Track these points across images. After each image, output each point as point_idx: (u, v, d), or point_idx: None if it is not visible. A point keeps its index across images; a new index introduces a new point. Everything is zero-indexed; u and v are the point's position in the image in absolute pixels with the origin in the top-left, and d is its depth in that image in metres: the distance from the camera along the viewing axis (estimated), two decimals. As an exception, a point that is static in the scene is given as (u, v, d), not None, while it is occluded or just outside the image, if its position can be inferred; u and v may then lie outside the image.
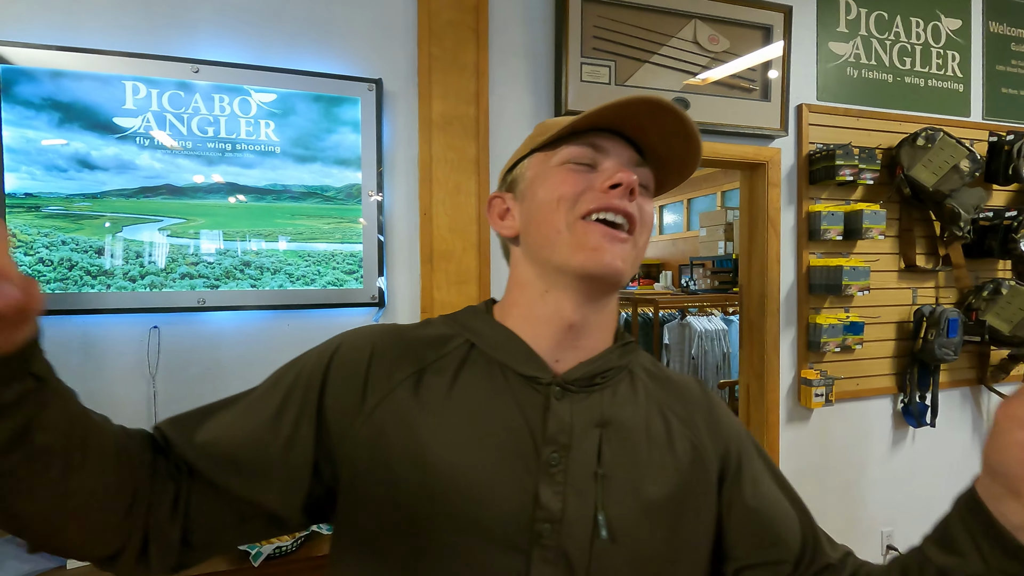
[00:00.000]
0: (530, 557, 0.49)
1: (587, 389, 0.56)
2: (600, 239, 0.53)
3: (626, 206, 0.54)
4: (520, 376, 0.55)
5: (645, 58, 1.89)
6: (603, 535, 0.50)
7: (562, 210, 0.54)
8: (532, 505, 0.50)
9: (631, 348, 0.63)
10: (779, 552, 0.57)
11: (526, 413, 0.53)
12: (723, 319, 4.67)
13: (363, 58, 1.65)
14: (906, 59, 2.28)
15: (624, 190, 0.54)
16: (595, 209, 0.54)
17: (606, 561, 0.51)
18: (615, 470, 0.53)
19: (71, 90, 1.39)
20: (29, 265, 1.38)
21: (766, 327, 2.11)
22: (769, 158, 2.09)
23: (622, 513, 0.52)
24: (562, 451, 0.52)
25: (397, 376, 0.55)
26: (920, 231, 2.27)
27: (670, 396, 0.61)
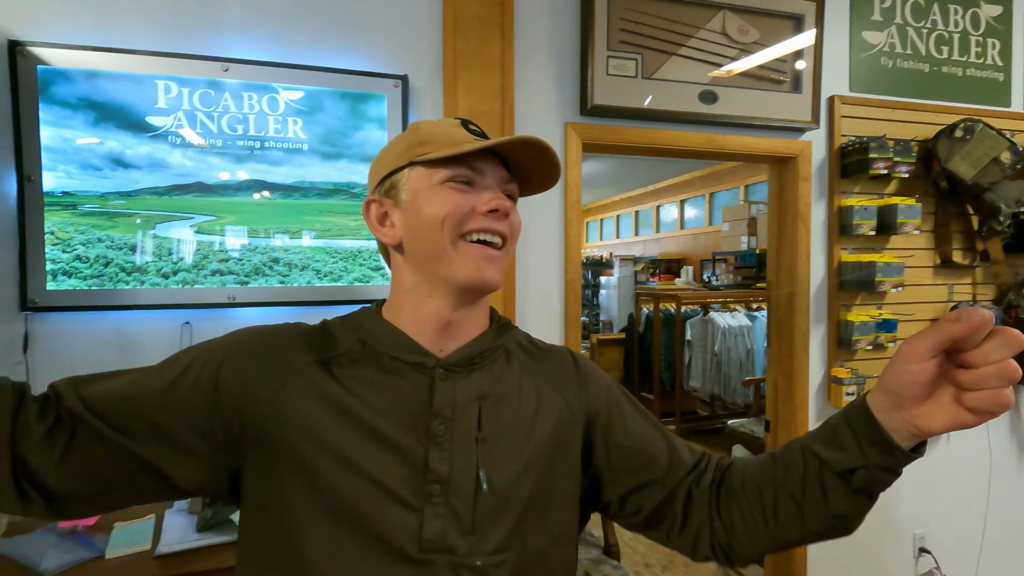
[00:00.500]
0: (423, 513, 0.58)
1: (467, 369, 0.65)
2: (481, 260, 0.63)
3: (502, 228, 0.64)
4: (408, 364, 0.64)
5: (672, 50, 1.85)
6: (484, 488, 0.60)
7: (447, 229, 0.62)
8: (423, 470, 0.59)
9: (506, 328, 0.72)
10: (652, 472, 0.69)
11: (416, 394, 0.62)
12: (747, 315, 4.60)
13: (389, 54, 1.65)
14: (943, 48, 2.20)
15: (500, 215, 0.63)
16: (476, 230, 0.63)
17: (488, 509, 0.60)
18: (493, 434, 0.63)
19: (106, 90, 1.42)
20: (67, 262, 1.41)
21: (795, 324, 2.06)
22: (799, 151, 2.04)
23: (500, 469, 0.62)
24: (447, 423, 0.61)
25: (300, 363, 0.62)
26: (957, 226, 2.20)
27: (542, 365, 0.71)
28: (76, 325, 1.45)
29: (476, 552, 0.59)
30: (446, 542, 0.58)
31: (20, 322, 1.41)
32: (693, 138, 1.92)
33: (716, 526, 0.67)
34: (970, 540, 2.30)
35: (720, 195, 6.43)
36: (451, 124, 0.67)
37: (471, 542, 0.59)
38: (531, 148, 0.64)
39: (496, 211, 0.63)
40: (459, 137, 0.65)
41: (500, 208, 0.63)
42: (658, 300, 4.83)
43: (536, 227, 1.80)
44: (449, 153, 0.62)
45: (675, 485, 0.69)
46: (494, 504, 0.61)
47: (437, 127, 0.66)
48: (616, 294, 6.75)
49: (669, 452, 0.70)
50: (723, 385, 4.43)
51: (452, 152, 0.62)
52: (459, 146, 0.63)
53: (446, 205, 0.62)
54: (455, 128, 0.66)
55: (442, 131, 0.65)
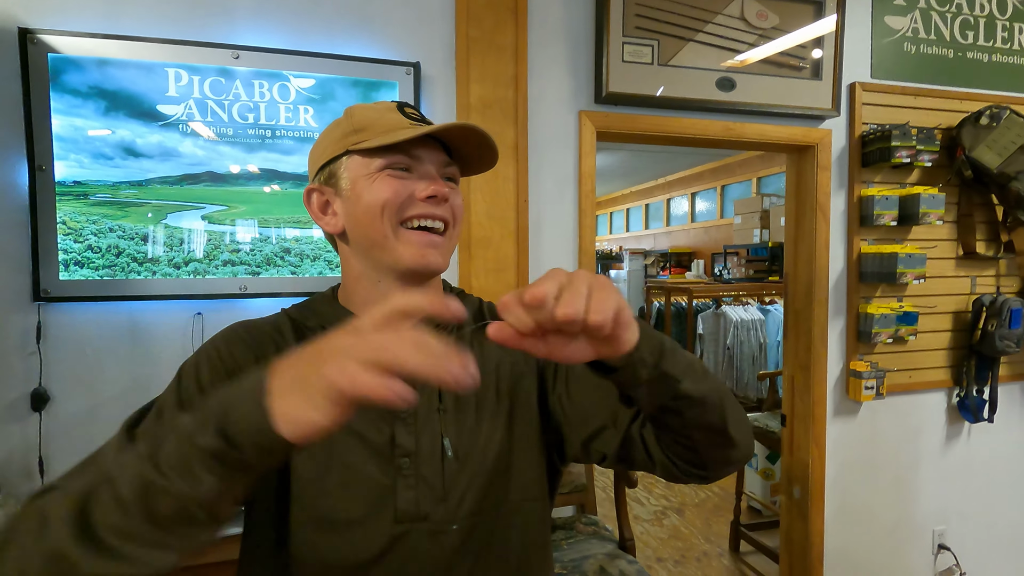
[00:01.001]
0: (395, 486, 0.62)
1: None
2: (422, 247, 0.64)
3: (442, 213, 0.65)
4: None
5: (690, 36, 1.81)
6: (449, 455, 0.63)
7: (387, 217, 0.63)
8: (391, 446, 0.62)
9: (457, 296, 0.74)
10: (601, 417, 0.68)
11: None
12: (760, 309, 4.55)
13: (401, 41, 1.62)
14: (968, 33, 2.14)
15: (439, 200, 0.64)
16: (416, 216, 0.64)
17: (456, 475, 0.64)
18: (454, 404, 0.66)
19: (116, 78, 1.41)
20: (79, 252, 1.40)
21: (813, 317, 2.02)
22: (819, 140, 1.99)
23: (463, 436, 0.65)
24: None
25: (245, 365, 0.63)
26: (981, 216, 2.15)
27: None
28: (89, 315, 1.45)
29: (451, 517, 0.62)
30: (420, 510, 0.61)
31: (33, 312, 1.40)
32: (710, 126, 1.87)
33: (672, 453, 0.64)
34: (990, 537, 2.26)
35: (732, 188, 6.36)
36: (387, 109, 0.66)
37: (445, 508, 0.62)
38: (467, 133, 0.64)
39: (435, 197, 0.64)
40: (395, 123, 0.64)
41: (438, 194, 0.63)
42: (669, 294, 4.78)
43: (549, 218, 1.77)
44: (384, 142, 0.62)
45: (626, 427, 0.66)
46: (461, 468, 0.64)
47: (372, 112, 0.66)
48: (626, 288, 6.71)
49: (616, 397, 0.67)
50: (735, 379, 4.39)
51: (387, 141, 0.62)
52: (394, 133, 0.62)
53: (384, 193, 0.63)
54: (391, 113, 0.66)
55: (377, 117, 0.65)
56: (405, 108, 0.67)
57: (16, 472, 1.40)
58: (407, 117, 0.66)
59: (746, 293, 4.81)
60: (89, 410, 1.45)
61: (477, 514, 0.63)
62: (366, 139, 0.63)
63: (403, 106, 0.67)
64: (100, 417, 1.45)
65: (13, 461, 1.40)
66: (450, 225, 0.66)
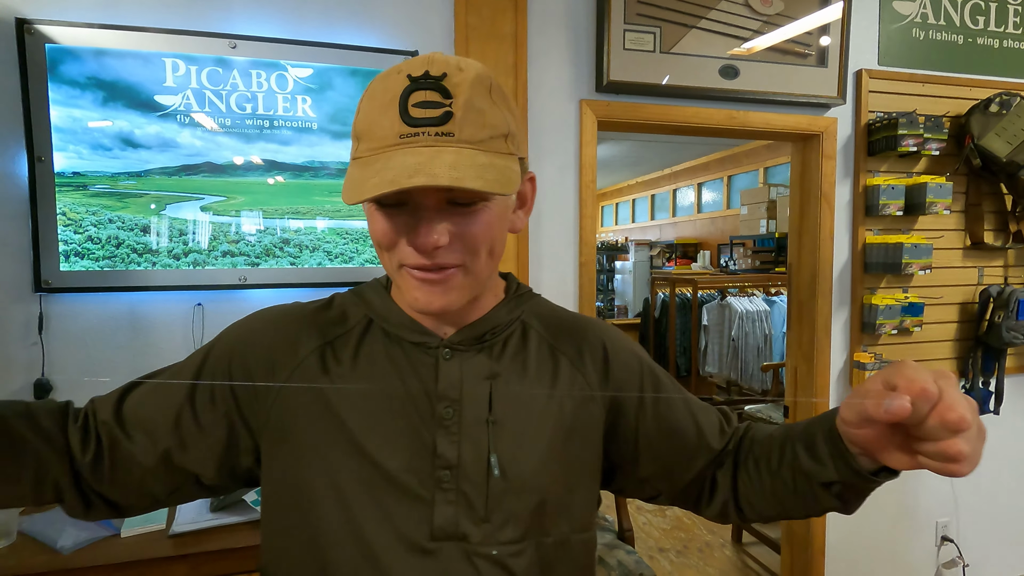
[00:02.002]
0: (433, 501, 0.56)
1: (476, 347, 0.61)
2: (418, 291, 0.55)
3: (441, 261, 0.53)
4: (412, 344, 0.60)
5: (692, 23, 1.78)
6: (496, 474, 0.57)
7: (384, 255, 0.56)
8: (431, 456, 0.57)
9: (524, 299, 0.66)
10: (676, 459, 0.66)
11: (420, 375, 0.59)
12: (765, 300, 4.52)
13: (399, 30, 1.61)
14: (979, 18, 2.09)
15: (431, 252, 0.52)
16: (409, 266, 0.54)
17: (501, 496, 0.57)
18: (505, 416, 0.59)
19: (114, 68, 1.40)
20: (79, 243, 1.41)
21: (817, 308, 2.01)
22: (824, 128, 1.97)
23: (513, 453, 0.58)
24: (454, 405, 0.58)
25: (303, 350, 0.60)
26: (989, 205, 2.12)
27: (562, 339, 0.65)
28: (90, 306, 1.45)
29: (491, 541, 0.56)
30: (458, 530, 0.56)
31: (35, 303, 1.41)
32: (713, 115, 1.85)
33: (736, 502, 0.66)
34: (994, 529, 2.24)
35: (739, 178, 6.30)
36: (390, 101, 0.50)
37: (485, 530, 0.56)
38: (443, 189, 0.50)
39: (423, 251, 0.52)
40: (383, 137, 0.50)
41: (422, 249, 0.52)
42: (674, 285, 4.76)
43: (549, 208, 1.76)
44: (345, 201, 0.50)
45: (700, 469, 0.66)
46: (507, 490, 0.57)
47: (371, 108, 0.52)
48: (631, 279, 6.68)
49: (698, 437, 0.67)
50: (740, 371, 4.37)
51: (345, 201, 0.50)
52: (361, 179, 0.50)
53: (375, 233, 0.55)
54: (389, 113, 0.50)
55: (375, 119, 0.51)
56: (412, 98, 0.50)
57: (20, 461, 1.41)
58: (407, 121, 0.49)
59: (751, 284, 4.78)
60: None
61: (520, 541, 0.57)
62: (359, 155, 0.52)
63: (414, 88, 0.50)
64: (102, 407, 1.46)
65: (17, 450, 1.42)
66: (463, 263, 0.55)
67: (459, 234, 0.53)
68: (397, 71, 0.52)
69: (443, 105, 0.50)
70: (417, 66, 0.51)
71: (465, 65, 0.52)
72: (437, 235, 0.51)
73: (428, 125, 0.50)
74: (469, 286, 0.56)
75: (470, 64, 0.53)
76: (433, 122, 0.50)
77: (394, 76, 0.51)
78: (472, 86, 0.51)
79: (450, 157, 0.48)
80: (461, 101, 0.50)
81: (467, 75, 0.51)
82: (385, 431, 0.57)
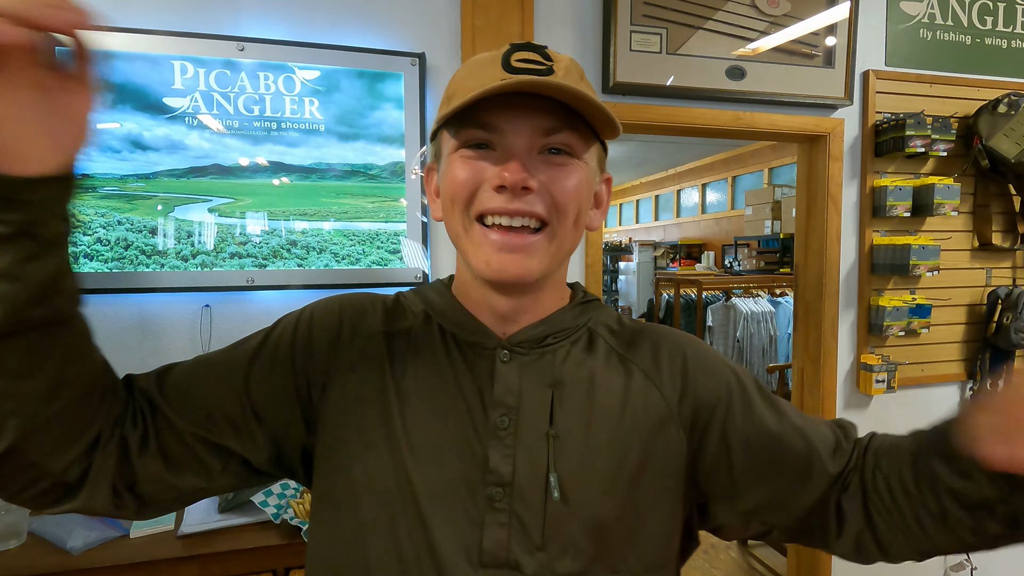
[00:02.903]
0: (483, 522, 0.49)
1: (537, 350, 0.55)
2: (493, 251, 0.50)
3: (524, 207, 0.49)
4: (468, 343, 0.55)
5: (699, 24, 1.78)
6: (555, 496, 0.50)
7: (457, 211, 0.51)
8: (482, 470, 0.50)
9: (591, 307, 0.60)
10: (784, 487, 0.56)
11: (476, 378, 0.53)
12: (770, 301, 4.51)
13: (406, 31, 1.61)
14: (987, 18, 2.08)
15: (515, 191, 0.48)
16: (487, 212, 0.50)
17: (560, 522, 0.50)
18: (568, 430, 0.52)
19: (123, 71, 1.41)
20: (88, 245, 1.42)
21: (824, 309, 2.00)
22: (831, 129, 1.96)
23: (576, 473, 0.51)
24: (511, 413, 0.52)
25: (367, 330, 0.57)
26: (997, 207, 2.10)
27: (634, 350, 0.58)
28: (98, 308, 1.46)
29: (546, 572, 0.49)
30: (510, 557, 0.49)
31: (44, 304, 1.42)
32: (719, 116, 1.85)
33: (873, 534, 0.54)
34: (1003, 532, 2.23)
35: (743, 178, 6.28)
36: (489, 60, 0.50)
37: (540, 559, 0.49)
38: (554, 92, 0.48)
39: (504, 188, 0.48)
40: (484, 79, 0.48)
41: (508, 183, 0.47)
42: (679, 285, 4.76)
43: (556, 209, 1.76)
44: (444, 115, 0.49)
45: (818, 497, 0.55)
46: (568, 515, 0.50)
47: (469, 70, 0.52)
48: (635, 279, 6.68)
49: (808, 459, 0.55)
50: (745, 372, 4.36)
51: (446, 112, 0.49)
52: (456, 99, 0.49)
53: (453, 182, 0.51)
54: (488, 67, 0.50)
55: (469, 77, 0.50)
56: (515, 56, 0.49)
57: (30, 461, 1.42)
58: (508, 68, 0.48)
59: (756, 285, 4.77)
60: (100, 401, 1.46)
61: (581, 575, 0.50)
62: (451, 107, 0.50)
63: (516, 50, 0.49)
64: (111, 408, 1.47)
65: (27, 451, 1.42)
66: (549, 220, 0.50)
67: (548, 183, 0.49)
68: (497, 49, 0.52)
69: (545, 63, 0.49)
70: (520, 43, 0.52)
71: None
72: (526, 174, 0.48)
73: (531, 73, 0.48)
74: (551, 255, 0.51)
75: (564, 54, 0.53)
76: (536, 71, 0.48)
77: (498, 49, 0.51)
78: (571, 62, 0.52)
79: (532, 79, 0.47)
80: (562, 66, 0.50)
81: (567, 56, 0.53)
82: (435, 435, 0.52)
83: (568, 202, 0.51)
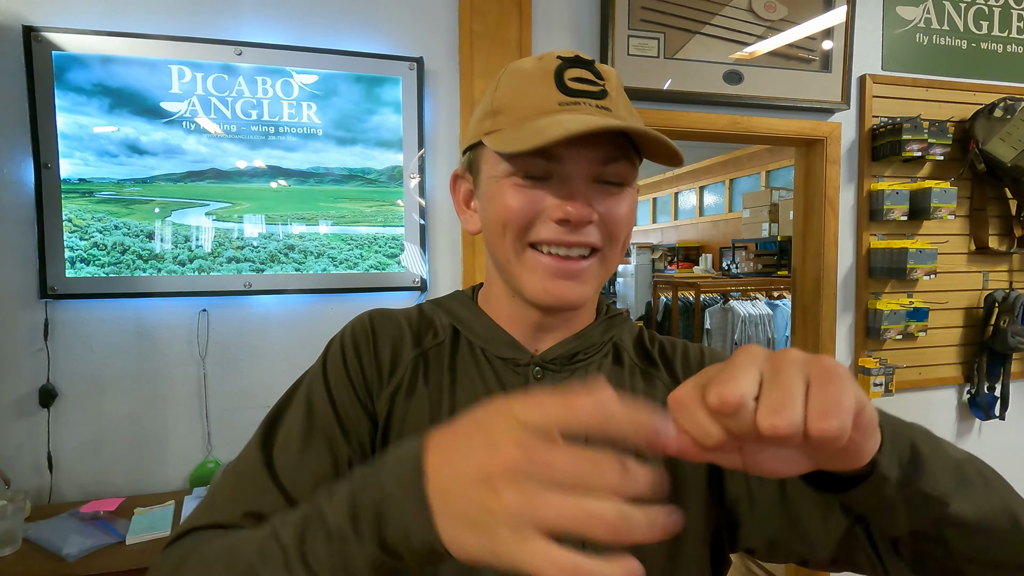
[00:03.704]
0: None
1: (569, 367, 0.55)
2: (547, 278, 0.50)
3: (583, 239, 0.49)
4: (500, 359, 0.55)
5: (696, 29, 1.79)
6: None
7: (508, 238, 0.50)
8: None
9: (617, 321, 0.60)
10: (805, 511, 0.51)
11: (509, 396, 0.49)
12: (768, 303, 4.51)
13: (404, 36, 1.61)
14: (983, 23, 2.09)
15: (576, 224, 0.48)
16: (544, 242, 0.49)
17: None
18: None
19: (120, 75, 1.41)
20: (85, 249, 1.41)
21: (821, 313, 2.00)
22: (828, 133, 1.96)
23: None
24: None
25: (405, 355, 0.55)
26: (994, 210, 2.11)
27: (661, 368, 0.58)
28: (96, 312, 1.46)
29: None
30: None
31: (40, 309, 1.41)
32: (717, 120, 1.85)
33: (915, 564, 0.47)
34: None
35: (741, 181, 6.30)
36: (541, 75, 0.49)
37: None
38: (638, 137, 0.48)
39: (568, 222, 0.48)
40: (540, 105, 0.48)
41: (572, 218, 0.47)
42: (676, 288, 4.76)
43: (554, 213, 1.76)
44: (505, 150, 0.47)
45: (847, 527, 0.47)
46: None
47: (519, 82, 0.50)
48: (633, 282, 6.68)
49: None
50: (743, 374, 4.36)
51: (508, 149, 0.47)
52: (523, 130, 0.47)
53: (506, 210, 0.49)
54: (541, 85, 0.49)
55: (520, 91, 0.49)
56: (568, 73, 0.49)
57: (26, 467, 1.42)
58: (565, 91, 0.48)
59: (754, 288, 4.77)
60: (96, 406, 1.46)
61: None
62: (499, 127, 0.49)
63: (568, 66, 0.49)
64: (107, 413, 1.46)
65: (23, 457, 1.42)
66: (602, 247, 0.51)
67: (604, 215, 0.49)
68: (540, 57, 0.51)
69: (598, 83, 0.50)
70: (564, 52, 0.51)
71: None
72: (588, 209, 0.48)
73: (587, 96, 0.49)
74: (600, 279, 0.52)
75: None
76: (593, 95, 0.49)
77: (542, 58, 0.51)
78: (617, 80, 0.52)
79: (618, 123, 0.46)
80: (613, 84, 0.51)
81: (610, 68, 0.53)
82: None
83: (621, 230, 0.51)
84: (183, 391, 1.50)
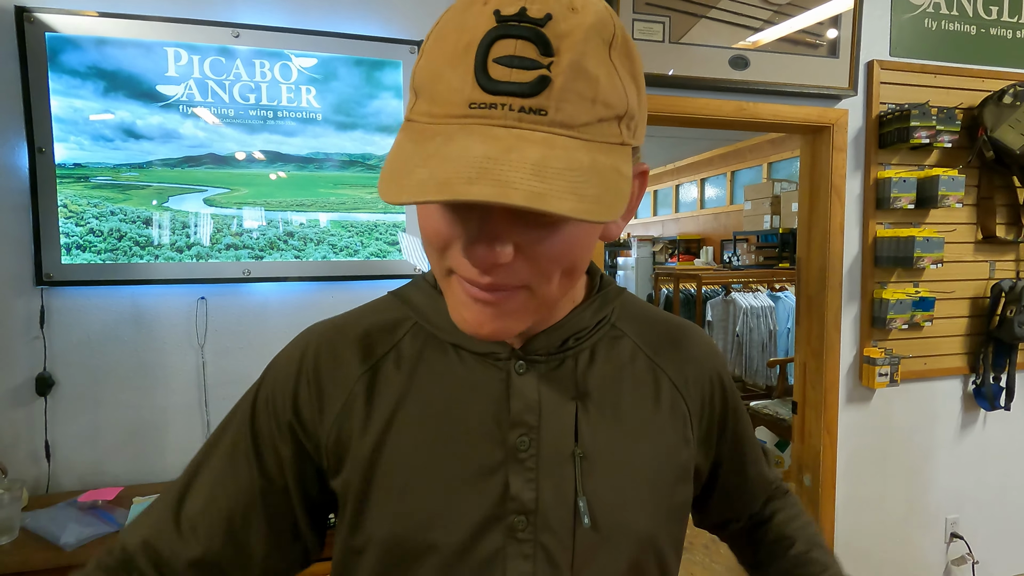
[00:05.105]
0: (505, 554, 0.44)
1: (557, 357, 0.48)
2: (466, 309, 0.40)
3: (498, 280, 0.38)
4: (476, 355, 0.48)
5: (702, 12, 1.75)
6: (585, 523, 0.44)
7: (433, 256, 0.42)
8: (502, 498, 0.45)
9: (610, 296, 0.52)
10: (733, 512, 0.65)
11: (489, 395, 0.47)
12: (769, 295, 4.50)
13: (405, 19, 1.58)
14: (992, 8, 2.06)
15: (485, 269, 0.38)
16: (461, 278, 0.40)
17: (592, 551, 0.45)
18: (596, 447, 0.47)
19: (115, 58, 1.38)
20: (80, 235, 1.39)
21: (827, 302, 1.98)
22: (835, 120, 1.94)
23: (607, 496, 0.46)
24: (531, 433, 0.46)
25: (350, 377, 0.49)
26: (1001, 199, 2.09)
27: (664, 353, 0.53)
28: (92, 299, 1.43)
29: None
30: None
31: (36, 296, 1.39)
32: (723, 107, 1.82)
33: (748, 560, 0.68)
34: (1004, 526, 2.22)
35: (742, 173, 6.26)
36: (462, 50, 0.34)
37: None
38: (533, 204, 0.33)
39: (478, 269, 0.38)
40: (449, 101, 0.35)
41: (480, 267, 0.38)
42: (678, 280, 4.74)
43: (557, 200, 1.73)
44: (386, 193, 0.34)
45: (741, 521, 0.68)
46: (600, 542, 0.45)
47: (436, 56, 0.36)
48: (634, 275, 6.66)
49: (752, 491, 0.65)
50: (745, 366, 4.35)
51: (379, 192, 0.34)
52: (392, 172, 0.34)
53: (425, 228, 0.41)
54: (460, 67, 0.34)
55: (436, 73, 0.36)
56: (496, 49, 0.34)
57: (22, 456, 1.40)
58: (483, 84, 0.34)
59: (755, 280, 4.75)
60: (94, 394, 1.44)
61: None
62: (414, 118, 0.38)
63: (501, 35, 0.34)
64: (105, 401, 1.45)
65: (19, 445, 1.40)
66: (530, 284, 0.40)
67: (529, 252, 0.38)
68: (483, 1, 0.35)
69: (538, 66, 0.34)
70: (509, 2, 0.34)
71: (582, 4, 0.35)
72: (499, 250, 0.37)
73: (512, 94, 0.34)
74: (533, 309, 0.42)
75: (590, 3, 0.35)
76: (520, 90, 0.34)
77: (478, 6, 0.35)
78: (586, 39, 0.34)
79: (535, 152, 0.33)
80: (566, 61, 0.34)
81: (582, 20, 0.34)
82: (445, 467, 0.46)
83: (552, 267, 0.40)
84: (181, 379, 1.48)
